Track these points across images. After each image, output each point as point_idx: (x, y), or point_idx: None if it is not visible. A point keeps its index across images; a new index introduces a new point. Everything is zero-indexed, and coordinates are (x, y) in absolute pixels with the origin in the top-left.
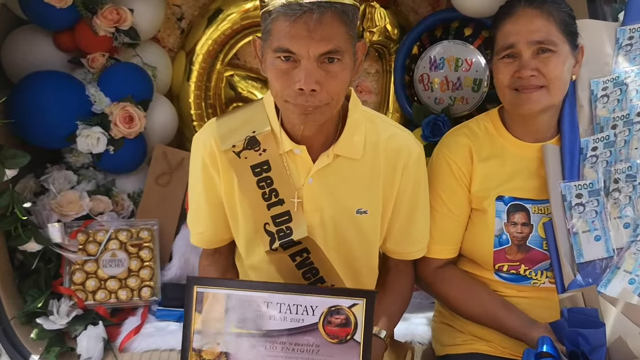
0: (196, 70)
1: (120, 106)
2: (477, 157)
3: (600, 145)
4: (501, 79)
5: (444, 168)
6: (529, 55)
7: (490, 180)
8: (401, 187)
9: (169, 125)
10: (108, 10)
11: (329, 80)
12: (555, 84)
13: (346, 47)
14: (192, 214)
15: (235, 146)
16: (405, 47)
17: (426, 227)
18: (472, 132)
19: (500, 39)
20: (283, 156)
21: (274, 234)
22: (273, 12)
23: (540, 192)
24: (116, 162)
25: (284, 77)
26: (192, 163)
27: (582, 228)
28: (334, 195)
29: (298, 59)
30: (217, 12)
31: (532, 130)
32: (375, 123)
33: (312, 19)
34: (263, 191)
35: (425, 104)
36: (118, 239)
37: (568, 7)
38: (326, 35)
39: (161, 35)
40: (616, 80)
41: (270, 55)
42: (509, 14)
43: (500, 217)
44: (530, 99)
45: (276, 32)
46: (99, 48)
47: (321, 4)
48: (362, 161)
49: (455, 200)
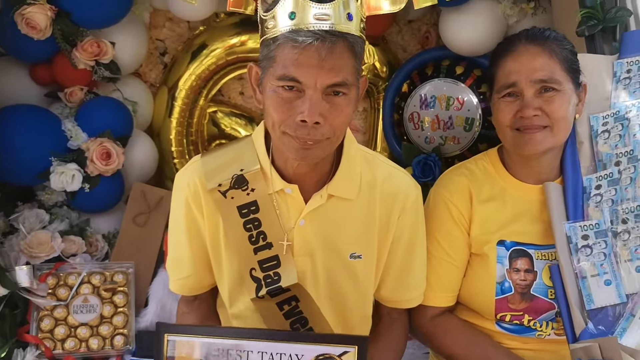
0: (178, 106)
1: (98, 142)
2: (476, 199)
3: (604, 183)
4: (502, 119)
5: (441, 210)
6: (532, 94)
7: (491, 223)
8: (397, 231)
9: (149, 162)
10: (88, 42)
11: (333, 114)
12: (559, 124)
13: (353, 81)
14: (173, 259)
15: (221, 185)
16: (394, 84)
17: (423, 273)
18: (470, 172)
19: (501, 77)
20: (273, 196)
21: (260, 280)
22: (279, 38)
23: (543, 237)
24: (91, 200)
25: (285, 106)
26: (174, 203)
27: (591, 272)
28: (326, 239)
29: (303, 89)
30: (201, 47)
31: (534, 172)
32: (371, 162)
33: (323, 47)
34: (250, 234)
35: (415, 143)
36: (91, 282)
37: (570, 44)
38: (336, 66)
39: (143, 70)
40: (617, 115)
41: (272, 83)
42: (510, 50)
43: (502, 263)
44: (533, 140)
45: (282, 59)
46: (78, 82)
47: (334, 33)
48: (357, 202)
49: (453, 244)
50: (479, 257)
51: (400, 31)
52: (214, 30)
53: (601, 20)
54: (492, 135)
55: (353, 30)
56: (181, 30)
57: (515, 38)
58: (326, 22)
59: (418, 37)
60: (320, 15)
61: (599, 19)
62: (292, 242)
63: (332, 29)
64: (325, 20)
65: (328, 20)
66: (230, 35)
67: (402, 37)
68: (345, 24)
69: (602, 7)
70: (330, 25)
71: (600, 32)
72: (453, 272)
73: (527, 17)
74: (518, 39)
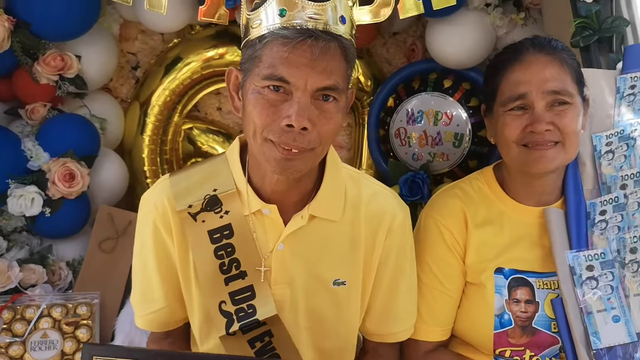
0: (151, 123)
1: (60, 162)
2: (472, 223)
3: (609, 209)
4: (508, 134)
5: (434, 235)
6: (543, 107)
7: (488, 249)
8: (384, 255)
9: (118, 183)
10: (51, 56)
11: (322, 121)
12: (571, 139)
13: (344, 87)
14: (141, 290)
15: (191, 207)
16: (380, 99)
17: (412, 303)
18: (464, 193)
19: (507, 88)
20: (249, 218)
21: (231, 314)
22: (267, 36)
23: (544, 264)
24: (54, 225)
25: (270, 109)
26: (141, 228)
27: (597, 307)
28: (307, 264)
29: (291, 91)
30: (175, 61)
31: (536, 192)
32: (355, 181)
33: (316, 46)
34: (221, 262)
35: (402, 160)
36: (51, 316)
37: (574, 54)
38: (328, 68)
39: (113, 85)
40: (621, 135)
41: (256, 84)
42: (517, 60)
43: (501, 293)
44: (544, 157)
45: (269, 57)
46: (40, 98)
47: (328, 33)
48: (341, 224)
49: (447, 272)
50: (475, 286)
51: (385, 44)
52: (189, 43)
53: (597, 31)
54: (483, 151)
55: (345, 34)
56: (154, 43)
57: (520, 47)
58: (320, 21)
59: (404, 50)
60: (314, 14)
61: (595, 29)
62: (269, 268)
63: (326, 28)
64: (319, 20)
65: (321, 20)
66: (206, 48)
67: (387, 49)
68: (338, 26)
69: (598, 16)
70: (325, 24)
71: (595, 42)
72: (447, 303)
73: (516, 28)
74: (524, 47)
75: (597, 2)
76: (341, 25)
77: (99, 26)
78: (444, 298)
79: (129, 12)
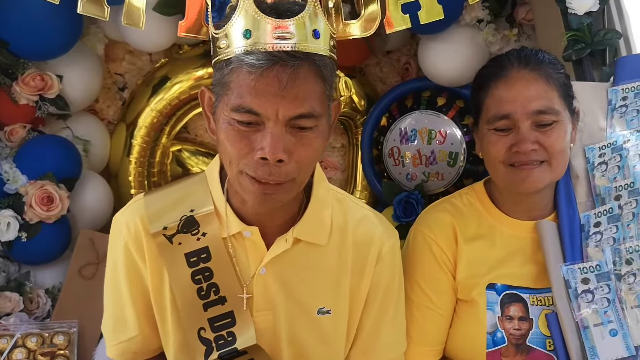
0: (138, 145)
1: (38, 185)
2: (462, 238)
3: (603, 220)
4: (494, 154)
5: (423, 251)
6: (528, 127)
7: (479, 265)
8: (373, 283)
9: (102, 207)
10: (30, 76)
11: (299, 149)
12: (557, 158)
13: (322, 111)
14: (111, 318)
15: (167, 228)
16: (373, 118)
17: (401, 331)
18: (454, 208)
19: (492, 106)
20: (228, 240)
21: (211, 342)
22: (233, 61)
23: (537, 279)
24: (31, 251)
25: (242, 142)
26: (112, 251)
27: (594, 320)
28: (291, 290)
29: (262, 122)
30: (163, 80)
31: (527, 208)
32: (343, 203)
33: (284, 72)
34: (199, 286)
35: (396, 181)
36: (26, 346)
37: (563, 67)
38: (301, 94)
39: (100, 107)
40: (614, 146)
41: (226, 114)
42: (501, 76)
43: (493, 309)
44: (530, 177)
45: (236, 86)
46: (19, 119)
47: (296, 55)
48: (327, 249)
49: (438, 289)
50: (466, 303)
51: (378, 62)
52: (177, 62)
53: (589, 44)
54: (479, 170)
55: (321, 50)
56: (142, 63)
57: (505, 61)
58: (288, 41)
59: (397, 69)
60: (281, 33)
61: (587, 42)
62: (251, 294)
63: (295, 49)
64: (287, 39)
65: (290, 39)
66: (195, 67)
67: (380, 68)
68: (311, 42)
69: (590, 29)
70: (293, 45)
71: (588, 56)
72: (438, 322)
73: (509, 44)
74: (509, 62)
75: (589, 14)
76: (315, 40)
77: (83, 45)
78: (434, 317)
79: (114, 31)
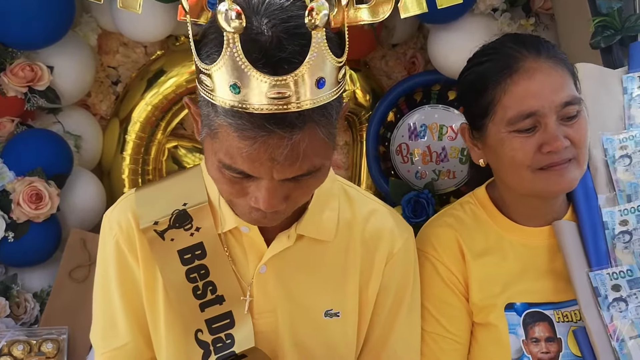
0: (132, 141)
1: (26, 182)
2: (469, 254)
3: (631, 219)
4: (520, 159)
5: (428, 273)
6: (555, 122)
7: (493, 283)
8: (384, 284)
9: (93, 205)
10: (19, 66)
11: (297, 191)
12: (584, 152)
13: (325, 157)
14: (101, 324)
15: (158, 223)
16: (379, 113)
17: (415, 340)
18: (457, 220)
19: (511, 105)
20: (225, 236)
21: (208, 345)
22: (219, 112)
23: (558, 291)
24: (19, 252)
25: (233, 187)
26: (102, 250)
27: (629, 332)
28: (294, 291)
29: (256, 177)
30: (158, 74)
31: (543, 212)
32: (350, 196)
33: (281, 145)
34: (195, 285)
35: (404, 179)
36: (11, 354)
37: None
38: (299, 158)
39: (92, 101)
40: (637, 139)
41: (214, 159)
42: (515, 69)
43: (516, 332)
44: (564, 178)
45: (225, 143)
46: (7, 112)
47: (295, 122)
48: (334, 245)
49: (450, 314)
50: (484, 327)
51: (384, 56)
52: (173, 55)
53: (619, 30)
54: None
55: (326, 99)
56: (137, 56)
57: (510, 51)
58: (285, 100)
59: (404, 63)
60: (277, 93)
61: (617, 29)
62: (252, 296)
63: (294, 109)
64: (284, 98)
65: (288, 98)
66: (192, 59)
67: (386, 62)
68: (314, 94)
69: (620, 14)
70: (292, 105)
71: (618, 43)
72: (455, 350)
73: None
74: (517, 52)
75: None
76: (318, 91)
77: (75, 35)
78: (450, 345)
79: (107, 20)
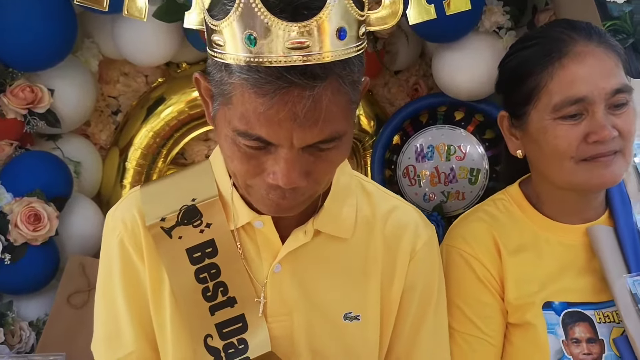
0: (132, 168)
1: (24, 202)
2: (505, 250)
3: None
4: (564, 148)
5: (461, 270)
6: (603, 110)
7: (529, 281)
8: (408, 283)
9: (92, 232)
10: (19, 87)
11: (318, 166)
12: (630, 145)
13: (347, 125)
14: (104, 332)
15: (165, 220)
16: (384, 137)
17: (444, 343)
18: (490, 216)
19: (558, 90)
20: (237, 233)
21: (219, 351)
22: (233, 70)
23: (598, 291)
24: (15, 276)
25: (249, 163)
26: (105, 251)
27: None
28: (311, 292)
29: (273, 146)
30: (159, 101)
31: (581, 209)
32: (369, 192)
33: (301, 99)
34: (205, 286)
35: (412, 202)
36: None
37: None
38: (321, 119)
39: (92, 131)
40: None
41: (229, 131)
42: (565, 52)
43: (555, 333)
44: (609, 171)
45: (240, 105)
46: (6, 134)
47: (316, 73)
48: (353, 244)
49: (484, 314)
50: (521, 328)
51: (386, 83)
52: (174, 82)
53: (631, 34)
54: (502, 188)
55: (347, 53)
56: (137, 85)
57: (559, 35)
58: (305, 51)
59: (406, 90)
60: (296, 41)
61: (629, 32)
62: (266, 297)
63: (314, 61)
64: (304, 49)
65: (308, 48)
66: (193, 86)
67: (388, 89)
68: (335, 46)
69: (632, 18)
70: (312, 57)
71: (630, 47)
72: (489, 352)
73: None
74: (567, 36)
75: (629, 2)
76: (338, 43)
77: (76, 60)
78: (484, 347)
79: (109, 46)
